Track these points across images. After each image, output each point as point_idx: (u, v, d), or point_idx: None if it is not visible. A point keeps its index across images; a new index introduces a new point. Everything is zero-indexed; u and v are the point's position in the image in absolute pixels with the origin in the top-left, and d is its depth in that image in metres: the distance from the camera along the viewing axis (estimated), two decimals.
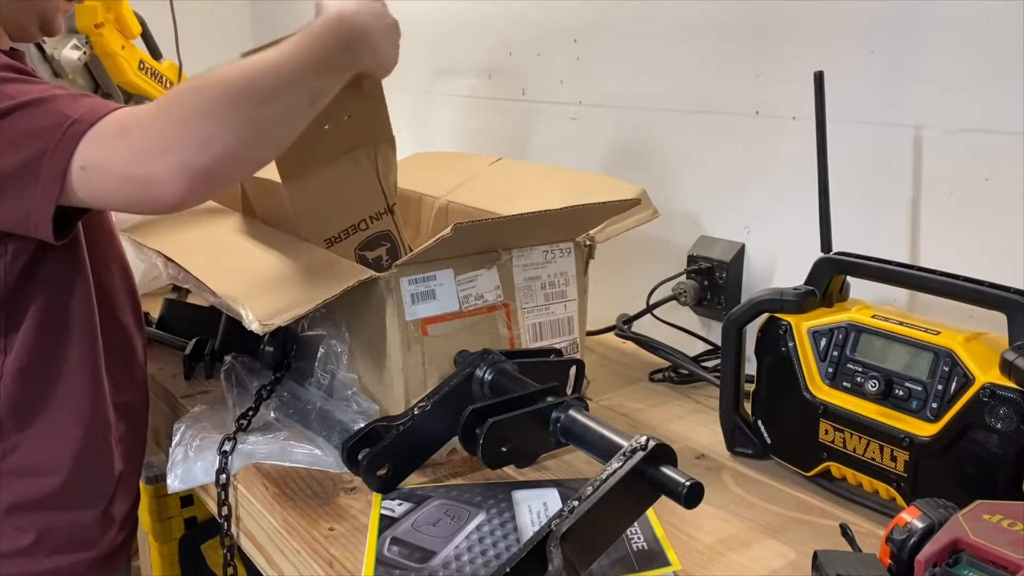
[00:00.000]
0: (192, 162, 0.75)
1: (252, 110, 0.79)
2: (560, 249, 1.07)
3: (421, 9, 1.88)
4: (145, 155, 0.75)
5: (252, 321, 0.88)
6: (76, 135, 0.75)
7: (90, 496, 0.97)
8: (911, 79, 1.06)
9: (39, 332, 0.89)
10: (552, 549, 0.68)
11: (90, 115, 0.76)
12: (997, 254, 0.99)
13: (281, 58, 0.83)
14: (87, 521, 0.96)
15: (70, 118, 0.76)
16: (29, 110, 0.77)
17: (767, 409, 0.98)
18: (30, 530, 0.92)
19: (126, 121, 0.77)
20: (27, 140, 0.76)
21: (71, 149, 0.75)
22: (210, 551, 1.71)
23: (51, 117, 0.76)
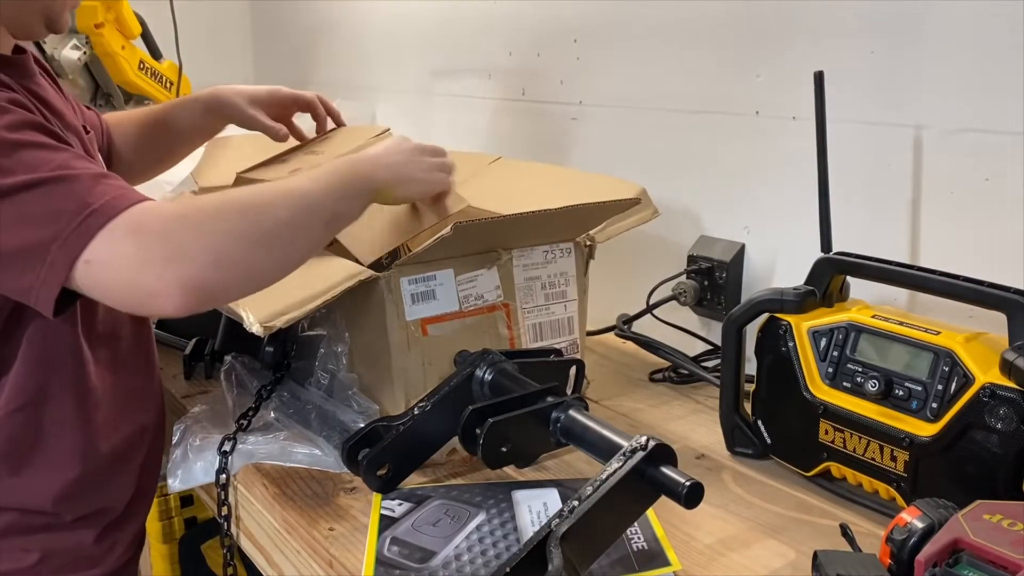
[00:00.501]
0: (200, 279, 0.74)
1: (269, 231, 0.79)
2: (560, 249, 1.07)
3: (421, 9, 1.88)
4: (151, 263, 0.73)
5: (253, 323, 0.88)
6: (92, 228, 0.73)
7: (94, 520, 0.95)
8: (911, 79, 1.06)
9: (29, 372, 0.87)
10: (552, 549, 0.68)
11: (110, 207, 0.74)
12: (997, 254, 0.99)
13: (305, 186, 0.84)
14: (91, 541, 0.95)
15: (90, 206, 0.73)
16: (49, 188, 0.74)
17: (767, 409, 0.98)
18: (34, 550, 0.91)
19: (142, 220, 0.74)
20: (42, 220, 0.73)
21: (85, 241, 0.73)
22: (210, 551, 1.71)
23: (71, 201, 0.74)
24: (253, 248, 0.78)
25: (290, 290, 0.94)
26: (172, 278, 0.73)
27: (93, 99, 1.85)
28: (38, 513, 0.91)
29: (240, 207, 0.79)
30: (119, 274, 0.74)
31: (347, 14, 2.17)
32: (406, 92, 1.98)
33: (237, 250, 0.77)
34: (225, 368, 1.10)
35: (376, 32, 2.07)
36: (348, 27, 2.17)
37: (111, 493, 0.96)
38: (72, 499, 0.92)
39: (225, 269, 0.76)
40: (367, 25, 2.10)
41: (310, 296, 0.91)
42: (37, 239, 0.73)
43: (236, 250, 0.76)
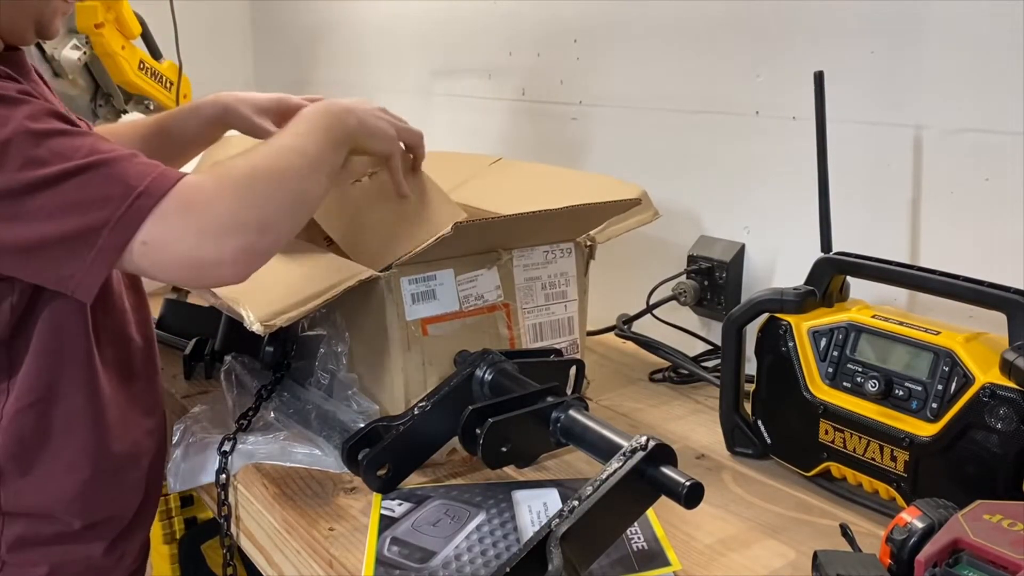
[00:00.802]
0: (254, 245, 0.80)
1: (295, 191, 0.85)
2: (560, 249, 1.07)
3: (421, 9, 1.89)
4: (210, 237, 0.77)
5: (253, 322, 0.88)
6: (143, 210, 0.75)
7: (104, 529, 0.94)
8: (911, 79, 1.06)
9: (38, 372, 0.87)
10: (552, 549, 0.68)
11: (155, 187, 0.76)
12: (997, 254, 0.99)
13: (301, 142, 0.88)
14: (101, 553, 0.94)
15: (135, 188, 0.75)
16: (88, 175, 0.75)
17: (767, 409, 0.98)
18: (42, 564, 0.90)
19: (190, 196, 0.77)
20: (87, 207, 0.74)
21: (137, 224, 0.75)
22: (210, 551, 1.71)
23: (116, 186, 0.75)
24: (287, 209, 0.84)
25: (291, 289, 0.94)
26: (230, 248, 0.78)
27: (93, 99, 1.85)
28: (47, 520, 0.90)
29: (268, 172, 0.83)
30: (179, 251, 0.77)
31: (347, 14, 2.17)
32: (406, 92, 1.98)
33: (276, 213, 0.82)
34: (225, 368, 1.10)
35: (376, 32, 2.07)
36: (348, 27, 2.17)
37: (120, 498, 0.95)
38: (82, 503, 0.91)
39: (271, 232, 0.81)
40: (367, 25, 2.10)
41: (310, 295, 0.91)
42: (84, 226, 0.74)
43: (276, 213, 0.82)
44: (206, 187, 0.78)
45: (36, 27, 0.91)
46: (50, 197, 0.74)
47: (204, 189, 0.78)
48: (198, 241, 0.77)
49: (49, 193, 0.74)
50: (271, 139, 0.90)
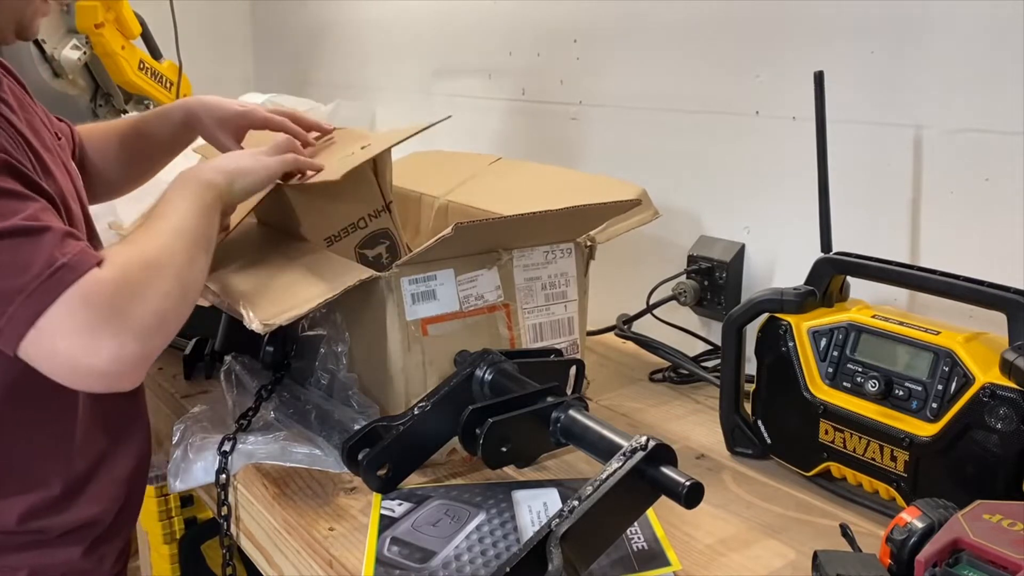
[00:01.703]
0: (146, 351, 0.76)
1: (185, 282, 0.82)
2: (561, 249, 1.07)
3: (421, 9, 1.89)
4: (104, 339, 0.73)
5: (253, 321, 0.88)
6: (61, 285, 0.72)
7: (81, 535, 0.94)
8: (911, 79, 1.06)
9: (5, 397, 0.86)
10: (552, 549, 0.68)
11: (77, 264, 0.73)
12: (997, 254, 0.99)
13: (179, 222, 0.86)
14: (79, 556, 0.94)
15: (57, 261, 0.73)
16: (20, 240, 0.73)
17: (767, 409, 0.98)
18: (21, 568, 0.90)
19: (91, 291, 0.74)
20: (8, 271, 0.72)
21: (51, 299, 0.72)
22: (210, 551, 1.71)
23: (40, 256, 0.73)
24: (182, 302, 0.82)
25: (291, 289, 0.94)
26: (128, 354, 0.74)
27: (93, 99, 1.85)
28: (23, 533, 0.90)
29: (162, 262, 0.81)
30: (68, 347, 0.73)
31: (347, 14, 2.17)
32: (406, 92, 1.98)
33: (173, 308, 0.80)
34: (225, 368, 1.10)
35: (376, 32, 2.07)
36: (348, 27, 2.17)
37: (93, 507, 0.94)
38: (54, 516, 0.91)
39: (167, 328, 0.79)
40: (367, 25, 2.10)
41: (311, 295, 0.91)
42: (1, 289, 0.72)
43: (173, 308, 0.80)
44: (106, 284, 0.75)
45: (16, 28, 0.91)
46: None
47: (105, 287, 0.74)
48: (90, 342, 0.73)
49: None
50: (149, 222, 0.86)
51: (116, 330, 0.74)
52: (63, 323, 0.72)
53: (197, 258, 0.86)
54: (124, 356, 0.74)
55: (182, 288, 0.82)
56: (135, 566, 1.73)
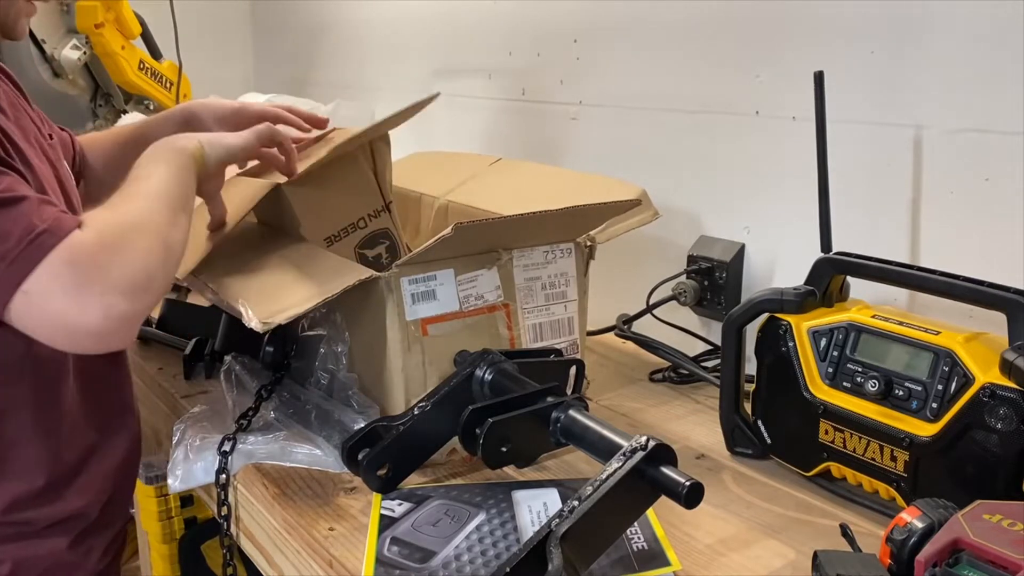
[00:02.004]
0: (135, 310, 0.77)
1: (166, 242, 0.82)
2: (561, 249, 1.07)
3: (421, 9, 1.89)
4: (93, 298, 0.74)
5: (252, 319, 0.88)
6: (42, 249, 0.73)
7: (67, 527, 0.94)
8: (911, 79, 1.06)
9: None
10: (552, 549, 0.68)
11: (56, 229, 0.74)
12: (997, 254, 0.99)
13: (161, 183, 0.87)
14: (65, 547, 0.94)
15: (36, 228, 0.73)
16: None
17: (767, 409, 0.98)
18: (5, 560, 0.90)
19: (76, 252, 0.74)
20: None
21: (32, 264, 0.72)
22: (210, 551, 1.71)
23: (18, 224, 0.73)
24: (166, 258, 0.82)
25: (291, 288, 0.94)
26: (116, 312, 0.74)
27: (93, 99, 1.85)
28: (7, 525, 0.90)
29: (141, 221, 0.81)
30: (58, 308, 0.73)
31: (347, 14, 2.17)
32: (406, 92, 1.97)
33: (158, 265, 0.80)
34: (225, 368, 1.10)
35: (376, 32, 2.07)
36: (348, 27, 2.17)
37: (80, 500, 0.94)
38: (38, 507, 0.91)
39: (155, 286, 0.80)
40: (367, 25, 2.10)
41: (311, 294, 0.91)
42: None
43: (158, 265, 0.80)
44: (88, 245, 0.75)
45: (2, 29, 0.91)
46: None
47: (86, 247, 0.75)
48: (79, 301, 0.73)
49: None
50: (126, 187, 0.87)
51: (103, 288, 0.74)
52: (50, 285, 0.72)
53: (177, 218, 0.86)
54: (113, 313, 0.74)
55: (164, 246, 0.82)
56: (135, 566, 1.73)
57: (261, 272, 1.00)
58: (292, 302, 0.90)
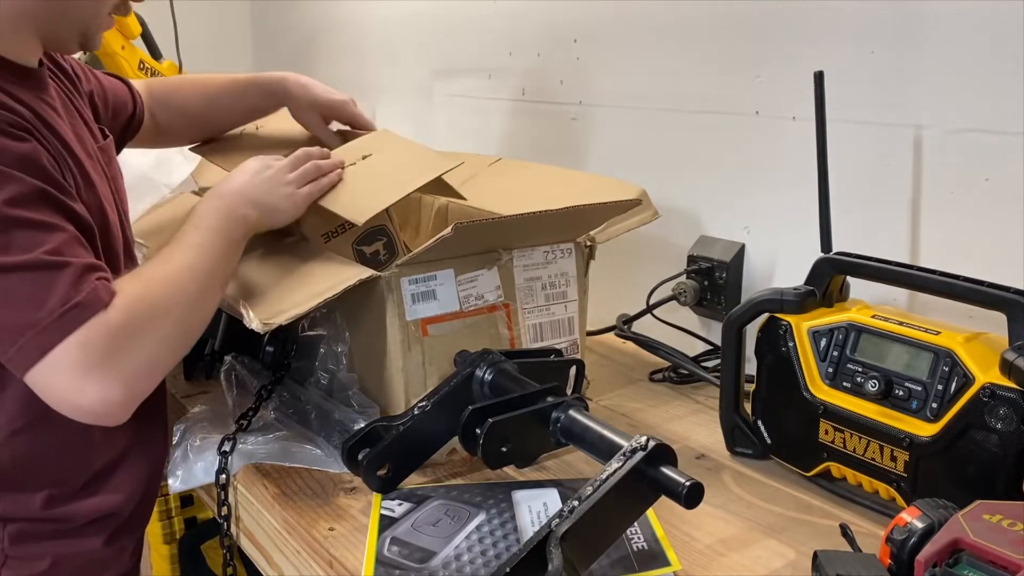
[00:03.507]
0: (136, 393, 0.80)
1: (187, 326, 0.85)
2: (561, 250, 1.07)
3: (421, 9, 1.89)
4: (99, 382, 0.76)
5: (253, 320, 0.88)
6: (76, 321, 0.75)
7: (102, 525, 0.96)
8: (911, 79, 1.06)
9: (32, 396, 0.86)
10: (552, 549, 0.68)
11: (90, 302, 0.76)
12: (997, 254, 0.99)
13: (198, 258, 0.87)
14: (100, 545, 0.96)
15: (72, 299, 0.76)
16: (39, 274, 0.76)
17: (767, 409, 0.98)
18: (45, 556, 0.92)
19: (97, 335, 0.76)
20: (26, 304, 0.75)
21: (63, 335, 0.75)
22: (210, 551, 1.71)
23: (57, 292, 0.76)
24: (180, 346, 0.85)
25: (291, 288, 0.94)
26: (117, 396, 0.78)
27: None
28: (46, 521, 0.92)
29: (167, 307, 0.83)
30: (66, 383, 0.76)
31: (347, 14, 2.17)
32: (406, 92, 1.98)
33: (168, 353, 0.83)
34: (225, 368, 1.10)
35: (376, 32, 2.07)
36: (348, 27, 2.17)
37: (114, 499, 0.96)
38: (77, 507, 0.93)
39: (157, 372, 0.82)
40: (367, 25, 2.10)
41: (311, 295, 0.91)
42: (13, 321, 0.75)
43: (167, 354, 0.83)
44: (110, 328, 0.77)
45: (80, 39, 0.92)
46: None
47: (108, 330, 0.77)
48: (80, 384, 0.76)
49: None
50: (170, 252, 0.88)
51: (106, 374, 0.77)
52: (63, 362, 0.76)
53: (206, 298, 0.88)
54: (109, 399, 0.78)
55: (183, 332, 0.85)
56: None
57: (260, 272, 1.00)
58: (293, 303, 0.90)
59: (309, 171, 1.02)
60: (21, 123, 0.82)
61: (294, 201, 1.00)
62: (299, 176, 1.01)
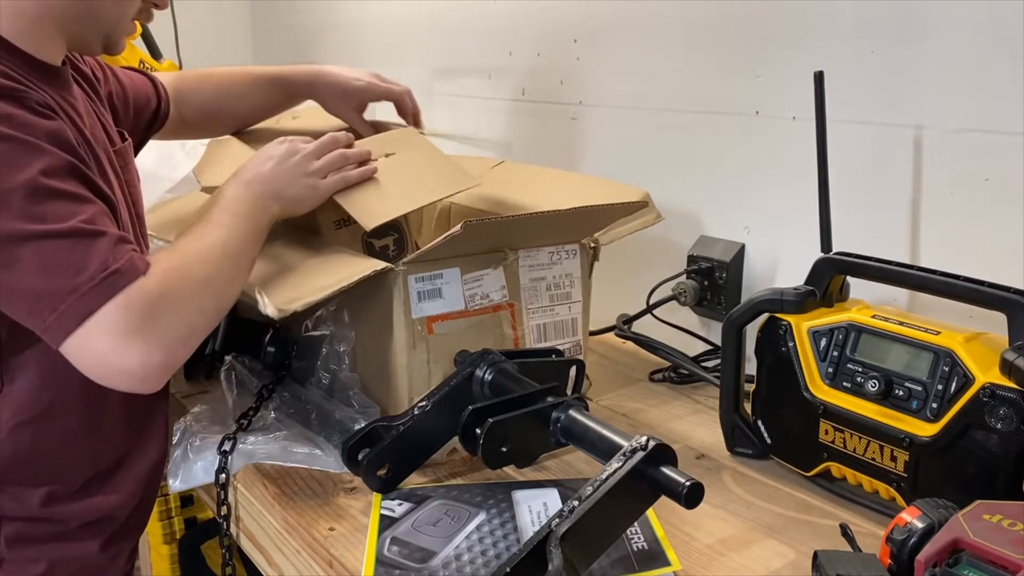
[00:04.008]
0: (174, 359, 0.81)
1: (222, 299, 0.87)
2: (566, 250, 1.07)
3: (421, 9, 1.89)
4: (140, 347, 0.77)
5: (268, 306, 0.88)
6: (114, 288, 0.76)
7: (99, 528, 0.96)
8: (911, 79, 1.06)
9: (39, 385, 0.88)
10: (552, 549, 0.68)
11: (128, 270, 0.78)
12: (997, 254, 0.99)
13: (228, 237, 0.89)
14: (97, 550, 0.96)
15: (110, 266, 0.77)
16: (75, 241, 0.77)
17: (767, 409, 0.98)
18: (41, 560, 0.92)
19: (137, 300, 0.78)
20: (64, 271, 0.76)
21: (103, 300, 0.76)
22: (210, 551, 1.71)
23: (95, 258, 0.77)
24: (214, 317, 0.86)
25: (306, 276, 0.94)
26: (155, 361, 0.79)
27: None
28: (44, 521, 0.92)
29: (203, 279, 0.85)
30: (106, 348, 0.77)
31: (347, 14, 2.17)
32: None
33: (204, 323, 0.85)
34: (225, 368, 1.10)
35: (376, 32, 2.07)
36: (348, 27, 2.17)
37: (111, 501, 0.96)
38: (75, 507, 0.93)
39: (191, 344, 0.84)
40: (367, 25, 2.10)
41: (326, 283, 0.91)
42: (52, 288, 0.76)
43: (203, 323, 0.85)
44: (148, 294, 0.79)
45: (104, 42, 0.94)
46: (32, 252, 0.76)
47: (146, 295, 0.78)
48: (121, 346, 0.77)
49: (32, 247, 0.76)
50: (202, 229, 0.90)
51: (147, 338, 0.78)
52: (105, 325, 0.76)
53: (238, 275, 0.89)
54: (150, 363, 0.78)
55: (217, 305, 0.86)
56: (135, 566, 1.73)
57: (275, 261, 1.00)
58: (308, 290, 0.91)
59: (335, 160, 1.02)
60: (49, 103, 0.84)
61: (317, 193, 1.00)
62: (324, 165, 1.01)
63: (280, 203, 0.97)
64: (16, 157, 0.77)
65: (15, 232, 0.76)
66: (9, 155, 0.77)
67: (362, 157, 1.05)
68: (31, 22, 0.87)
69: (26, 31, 0.86)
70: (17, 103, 0.80)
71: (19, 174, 0.76)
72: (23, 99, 0.81)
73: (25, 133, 0.78)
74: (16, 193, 0.76)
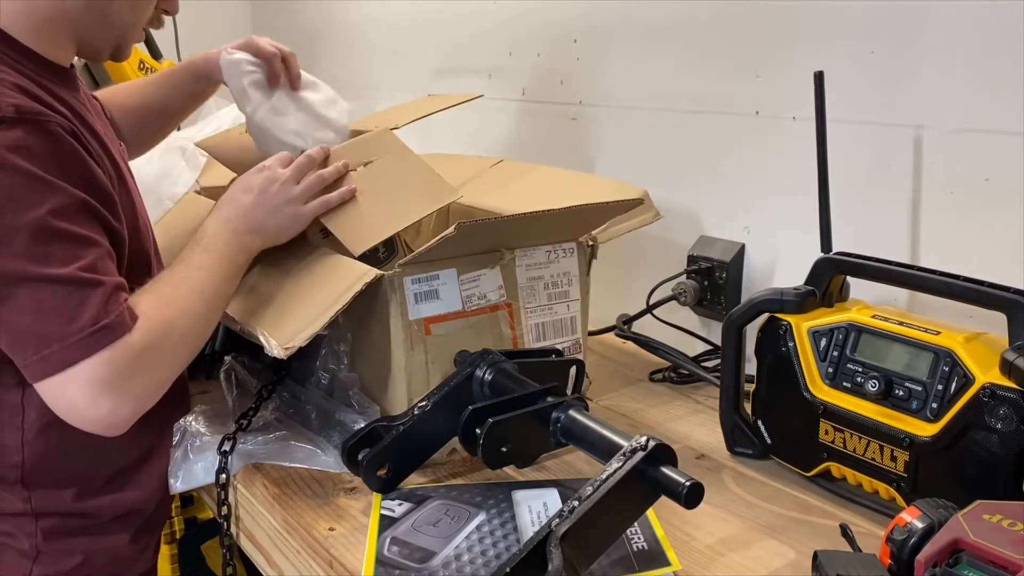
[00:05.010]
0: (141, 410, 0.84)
1: (195, 343, 0.90)
2: (563, 249, 1.07)
3: (421, 9, 1.89)
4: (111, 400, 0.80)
5: (274, 348, 0.89)
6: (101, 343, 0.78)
7: (129, 521, 0.98)
8: (911, 79, 1.06)
9: None
10: (552, 549, 0.68)
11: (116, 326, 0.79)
12: (997, 254, 0.99)
13: (207, 279, 0.91)
14: (127, 542, 0.98)
15: (100, 321, 0.78)
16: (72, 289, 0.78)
17: (767, 409, 0.98)
18: (76, 552, 0.95)
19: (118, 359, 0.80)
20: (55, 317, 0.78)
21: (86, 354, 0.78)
22: (210, 551, 1.71)
23: (88, 310, 0.78)
24: (186, 364, 0.90)
25: (303, 303, 0.94)
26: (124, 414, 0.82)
27: None
28: (77, 516, 0.94)
29: (183, 331, 0.87)
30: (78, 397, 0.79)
31: (347, 14, 2.17)
32: (406, 92, 1.97)
33: (177, 372, 0.88)
34: (225, 368, 1.10)
35: (376, 32, 2.07)
36: (348, 27, 2.17)
37: (139, 494, 0.98)
38: (106, 501, 0.96)
39: (164, 389, 0.86)
40: (367, 25, 2.10)
41: (324, 307, 0.91)
42: (42, 331, 0.77)
43: (176, 373, 0.88)
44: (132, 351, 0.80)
45: (114, 49, 0.95)
46: (31, 293, 0.77)
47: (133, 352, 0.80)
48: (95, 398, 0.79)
49: (31, 288, 0.77)
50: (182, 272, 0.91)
51: (121, 394, 0.81)
52: (84, 377, 0.79)
53: (213, 320, 0.92)
54: (119, 415, 0.82)
55: (192, 353, 0.89)
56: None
57: (266, 281, 1.00)
58: (307, 319, 0.91)
59: (314, 184, 1.01)
60: (67, 125, 0.84)
61: (299, 221, 1.01)
62: (304, 189, 1.01)
63: (261, 237, 0.98)
64: (27, 194, 0.78)
65: (15, 271, 0.77)
66: (21, 190, 0.78)
67: (339, 174, 1.04)
68: (45, 22, 0.87)
69: (39, 31, 0.87)
70: (37, 129, 0.80)
71: (29, 212, 0.78)
72: (45, 124, 0.81)
73: (40, 168, 0.79)
74: (23, 231, 0.77)
